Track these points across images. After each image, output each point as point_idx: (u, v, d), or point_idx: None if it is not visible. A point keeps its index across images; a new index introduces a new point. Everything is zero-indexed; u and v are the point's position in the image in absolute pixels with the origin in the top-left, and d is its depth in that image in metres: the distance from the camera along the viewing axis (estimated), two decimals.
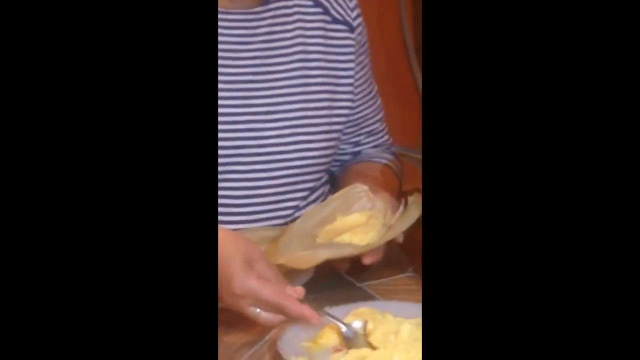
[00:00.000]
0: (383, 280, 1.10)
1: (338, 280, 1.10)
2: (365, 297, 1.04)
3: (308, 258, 1.03)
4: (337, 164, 1.39)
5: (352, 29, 1.31)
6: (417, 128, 1.06)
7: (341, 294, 1.05)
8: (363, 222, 1.09)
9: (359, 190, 1.13)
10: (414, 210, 1.07)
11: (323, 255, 1.03)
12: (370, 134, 1.38)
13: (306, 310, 0.92)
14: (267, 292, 0.92)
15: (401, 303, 0.97)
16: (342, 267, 1.10)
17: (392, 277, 1.10)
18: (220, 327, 0.95)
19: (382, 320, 0.93)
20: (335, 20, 1.30)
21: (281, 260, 1.03)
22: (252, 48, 1.23)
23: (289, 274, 1.02)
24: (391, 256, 1.17)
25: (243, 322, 0.98)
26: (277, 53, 1.25)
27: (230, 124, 1.20)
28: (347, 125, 1.33)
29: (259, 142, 1.22)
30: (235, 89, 1.21)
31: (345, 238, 1.07)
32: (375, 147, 1.39)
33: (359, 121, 1.35)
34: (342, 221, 1.10)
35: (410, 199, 1.08)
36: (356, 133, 1.36)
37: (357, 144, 1.37)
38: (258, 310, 0.93)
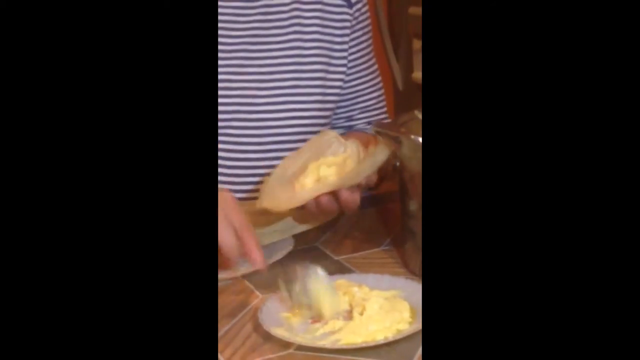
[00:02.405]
0: (360, 253, 1.11)
1: (315, 254, 1.12)
2: (342, 270, 1.05)
3: (290, 200, 1.05)
4: None
5: (350, 5, 1.35)
6: (390, 106, 1.08)
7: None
8: (339, 163, 1.09)
9: (329, 137, 1.13)
10: (383, 149, 1.05)
11: (304, 196, 1.04)
12: (364, 109, 1.41)
13: (256, 252, 0.99)
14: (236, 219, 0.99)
15: (377, 275, 0.99)
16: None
17: (369, 251, 1.12)
18: None
19: (359, 292, 0.95)
20: None
21: (264, 204, 1.05)
22: (249, 20, 1.28)
23: (271, 217, 1.05)
24: (368, 230, 1.20)
25: (222, 294, 1.01)
26: (274, 25, 1.29)
27: (225, 90, 1.24)
28: (342, 99, 1.37)
29: (250, 108, 1.26)
30: (231, 57, 1.26)
31: (325, 172, 1.07)
32: (369, 124, 1.42)
33: (353, 96, 1.38)
34: (316, 166, 1.09)
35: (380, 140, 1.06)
36: (350, 108, 1.40)
37: (350, 118, 1.41)
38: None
